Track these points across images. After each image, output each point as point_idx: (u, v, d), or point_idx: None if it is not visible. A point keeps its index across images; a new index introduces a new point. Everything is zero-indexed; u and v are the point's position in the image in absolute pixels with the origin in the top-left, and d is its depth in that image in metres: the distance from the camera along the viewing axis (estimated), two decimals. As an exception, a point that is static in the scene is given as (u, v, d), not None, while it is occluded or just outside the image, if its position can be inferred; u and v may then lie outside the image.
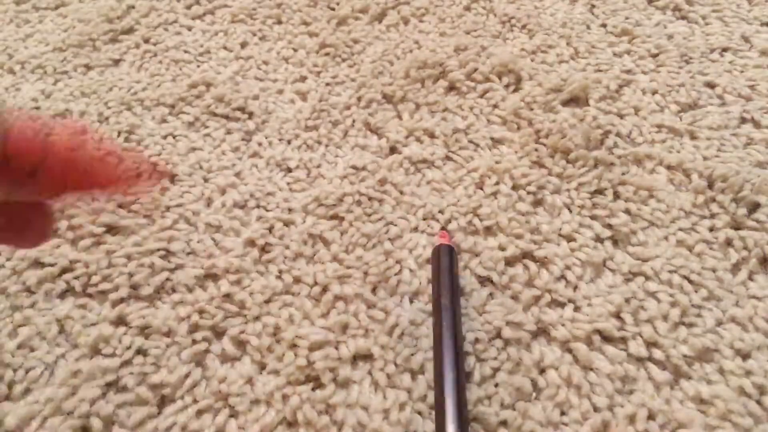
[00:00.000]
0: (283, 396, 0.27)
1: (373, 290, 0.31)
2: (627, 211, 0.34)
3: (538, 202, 0.35)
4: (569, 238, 0.33)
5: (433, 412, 0.27)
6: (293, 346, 0.29)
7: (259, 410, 0.27)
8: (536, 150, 0.37)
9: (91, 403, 0.27)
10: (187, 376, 0.28)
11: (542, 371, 0.28)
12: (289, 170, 0.37)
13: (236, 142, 0.39)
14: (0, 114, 0.16)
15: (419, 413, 0.27)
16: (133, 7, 0.49)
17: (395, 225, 0.34)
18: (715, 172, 0.35)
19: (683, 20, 0.46)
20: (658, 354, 0.28)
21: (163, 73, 0.44)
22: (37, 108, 0.41)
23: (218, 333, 0.30)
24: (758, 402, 0.27)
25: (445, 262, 0.31)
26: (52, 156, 0.17)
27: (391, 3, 0.49)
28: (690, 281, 0.31)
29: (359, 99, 0.41)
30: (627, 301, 0.30)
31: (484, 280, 0.32)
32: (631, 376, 0.28)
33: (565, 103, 0.40)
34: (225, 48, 0.46)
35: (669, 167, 0.36)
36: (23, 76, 0.44)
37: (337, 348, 0.29)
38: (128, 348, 0.29)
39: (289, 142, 0.39)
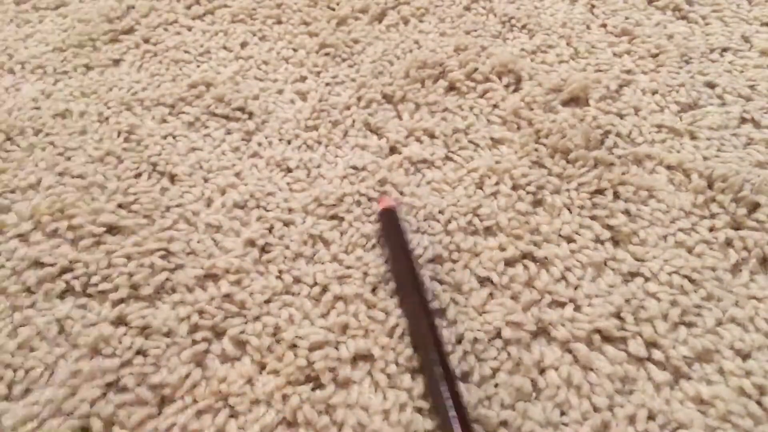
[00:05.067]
0: (283, 396, 0.27)
1: (373, 290, 0.31)
2: (627, 212, 0.34)
3: (538, 203, 0.35)
4: (569, 239, 0.33)
5: (434, 411, 0.27)
6: (293, 346, 0.29)
7: (259, 410, 0.27)
8: (536, 150, 0.37)
9: (91, 404, 0.27)
10: (187, 376, 0.28)
11: (542, 371, 0.28)
12: (289, 170, 0.37)
13: (236, 142, 0.39)
14: None
15: (420, 413, 0.27)
16: (133, 7, 0.49)
17: (395, 225, 0.34)
18: (715, 172, 0.35)
19: (683, 20, 0.46)
20: (658, 354, 0.28)
21: (163, 73, 0.44)
22: (37, 108, 0.41)
23: (218, 333, 0.30)
24: (758, 402, 0.27)
25: (390, 225, 0.32)
26: None
27: (391, 3, 0.49)
28: (690, 281, 0.31)
29: (359, 99, 0.41)
30: (627, 301, 0.30)
31: (484, 280, 0.32)
32: (631, 376, 0.28)
33: (565, 103, 0.40)
34: (225, 48, 0.46)
35: (669, 167, 0.36)
36: (23, 76, 0.44)
37: (337, 348, 0.29)
38: (128, 348, 0.29)
39: (289, 142, 0.39)
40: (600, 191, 0.35)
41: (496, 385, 0.28)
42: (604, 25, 0.46)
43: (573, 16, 0.47)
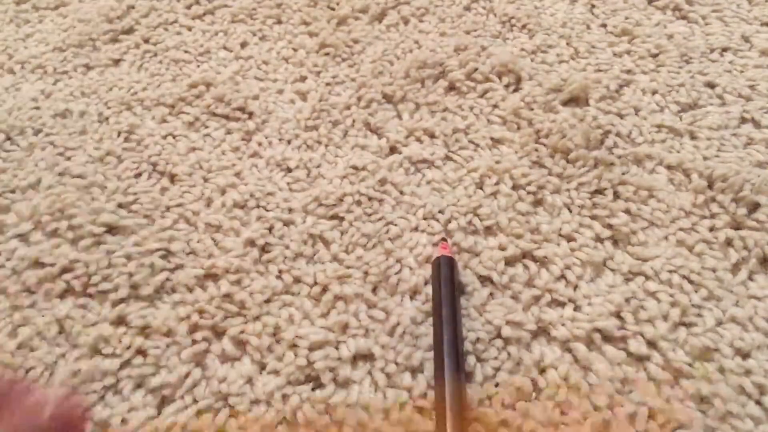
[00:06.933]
0: (283, 396, 0.27)
1: (374, 290, 0.31)
2: (627, 211, 0.34)
3: (538, 202, 0.35)
4: (569, 238, 0.33)
5: (434, 412, 0.27)
6: (293, 346, 0.29)
7: (259, 410, 0.27)
8: (536, 150, 0.37)
9: (91, 404, 0.27)
10: (187, 376, 0.28)
11: (542, 371, 0.28)
12: (289, 170, 0.37)
13: (236, 142, 0.39)
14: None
15: (419, 413, 0.27)
16: (133, 7, 0.49)
17: (395, 225, 0.34)
18: (715, 172, 0.35)
19: (683, 20, 0.46)
20: (658, 353, 0.28)
21: (163, 73, 0.44)
22: (37, 108, 0.41)
23: (218, 333, 0.30)
24: (758, 402, 0.27)
25: (445, 272, 0.30)
26: None
27: (391, 3, 0.49)
28: (690, 281, 0.31)
29: (359, 99, 0.41)
30: (627, 300, 0.30)
31: (484, 280, 0.32)
32: (630, 375, 0.28)
33: (565, 103, 0.40)
34: (225, 48, 0.46)
35: (669, 167, 0.36)
36: (23, 76, 0.44)
37: (337, 348, 0.29)
38: (128, 348, 0.29)
39: (289, 142, 0.39)
40: (600, 191, 0.35)
41: (496, 385, 0.28)
42: (604, 25, 0.46)
43: (573, 16, 0.47)
